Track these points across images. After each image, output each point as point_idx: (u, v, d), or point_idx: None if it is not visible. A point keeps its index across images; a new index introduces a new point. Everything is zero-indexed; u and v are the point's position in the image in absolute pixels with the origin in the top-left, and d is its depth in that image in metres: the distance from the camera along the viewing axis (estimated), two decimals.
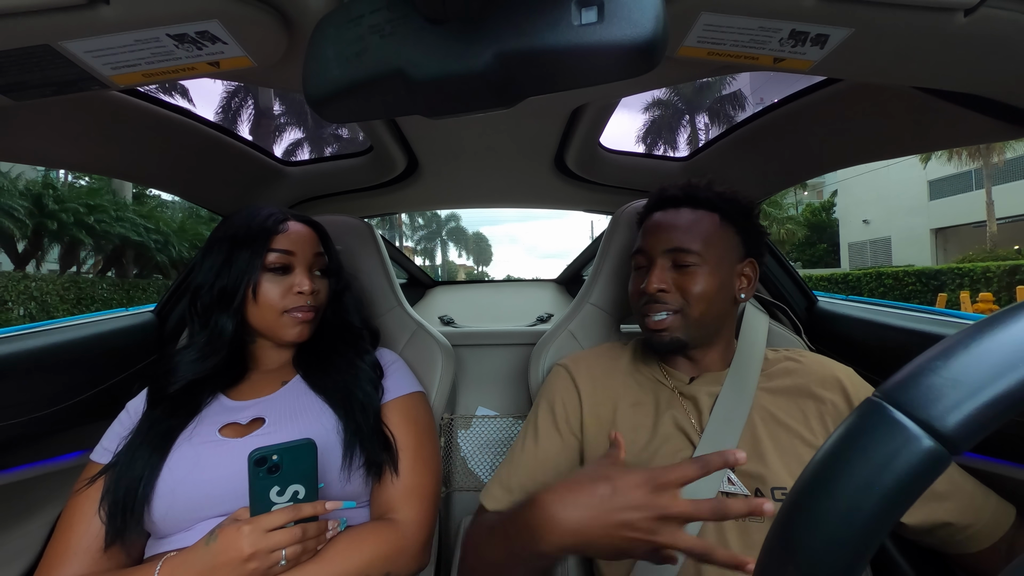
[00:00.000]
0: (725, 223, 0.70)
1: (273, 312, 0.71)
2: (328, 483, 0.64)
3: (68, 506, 0.63)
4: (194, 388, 0.69)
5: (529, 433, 0.72)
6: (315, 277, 0.75)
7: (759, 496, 0.59)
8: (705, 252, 0.67)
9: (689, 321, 0.67)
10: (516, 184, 1.19)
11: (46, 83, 0.50)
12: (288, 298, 0.71)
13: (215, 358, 0.69)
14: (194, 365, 0.69)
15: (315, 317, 0.74)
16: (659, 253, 0.70)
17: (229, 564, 0.52)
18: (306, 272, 0.73)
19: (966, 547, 0.61)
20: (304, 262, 0.73)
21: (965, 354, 0.24)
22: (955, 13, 0.41)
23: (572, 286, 2.04)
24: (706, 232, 0.68)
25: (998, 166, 14.99)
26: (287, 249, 0.72)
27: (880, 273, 13.42)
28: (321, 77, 0.33)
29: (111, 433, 0.69)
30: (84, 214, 10.59)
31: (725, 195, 0.71)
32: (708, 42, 0.47)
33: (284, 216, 0.74)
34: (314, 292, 0.73)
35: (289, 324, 0.71)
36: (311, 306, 0.73)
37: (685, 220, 0.69)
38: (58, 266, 11.89)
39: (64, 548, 0.60)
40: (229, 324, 0.70)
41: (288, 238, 0.72)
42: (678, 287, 0.68)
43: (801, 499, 0.25)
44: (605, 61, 0.29)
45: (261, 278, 0.70)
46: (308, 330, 0.73)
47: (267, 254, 0.70)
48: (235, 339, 0.71)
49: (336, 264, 0.80)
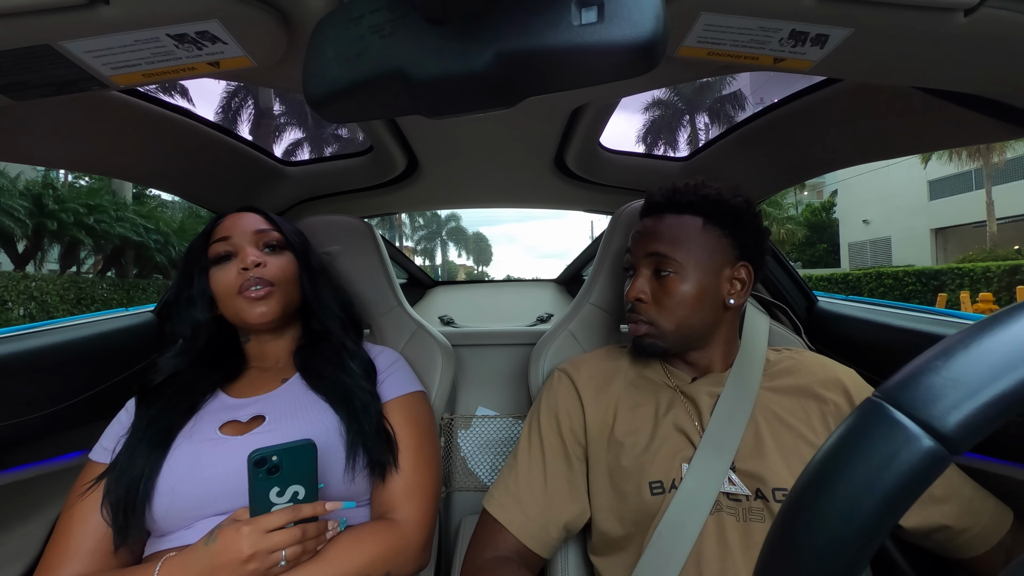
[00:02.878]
0: (710, 226, 0.68)
1: (230, 297, 0.71)
2: (332, 483, 0.64)
3: (68, 506, 0.63)
4: (190, 384, 0.69)
5: (533, 441, 0.72)
6: (262, 253, 0.74)
7: (760, 496, 0.60)
8: (684, 259, 0.66)
9: (663, 331, 0.67)
10: (516, 184, 1.19)
11: (46, 83, 0.50)
12: (237, 278, 0.71)
13: (193, 351, 0.71)
14: (175, 359, 0.71)
15: (274, 293, 0.72)
16: (640, 260, 0.70)
17: (229, 565, 0.52)
18: (249, 249, 0.73)
19: (964, 551, 0.61)
20: (247, 240, 0.73)
21: (965, 354, 0.24)
22: (955, 13, 0.41)
23: (572, 286, 2.04)
24: (687, 238, 0.67)
25: (998, 166, 14.98)
26: (223, 236, 0.73)
27: (880, 273, 13.42)
28: (321, 77, 0.33)
29: (110, 432, 0.69)
30: (84, 214, 10.59)
31: (709, 197, 0.68)
32: (708, 42, 0.47)
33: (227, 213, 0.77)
34: (260, 264, 0.71)
35: (246, 306, 0.70)
36: (259, 279, 0.71)
37: (666, 226, 0.69)
38: (58, 266, 11.89)
39: (65, 547, 0.60)
40: (201, 314, 0.72)
41: (224, 226, 0.74)
42: (655, 297, 0.68)
43: (801, 498, 0.25)
44: (605, 61, 0.29)
45: (211, 273, 0.72)
46: (270, 309, 0.71)
47: (209, 248, 0.73)
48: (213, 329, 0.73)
49: (296, 240, 0.79)
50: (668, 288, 0.67)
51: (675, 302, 0.66)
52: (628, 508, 0.64)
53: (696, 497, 0.60)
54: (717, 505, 0.60)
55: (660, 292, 0.68)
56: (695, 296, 0.67)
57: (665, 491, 0.62)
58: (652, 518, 0.62)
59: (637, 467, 0.64)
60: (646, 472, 0.63)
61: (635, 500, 0.63)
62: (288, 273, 0.75)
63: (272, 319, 0.72)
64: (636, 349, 0.72)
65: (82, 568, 0.59)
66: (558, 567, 0.73)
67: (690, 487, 0.61)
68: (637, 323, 0.69)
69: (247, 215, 0.76)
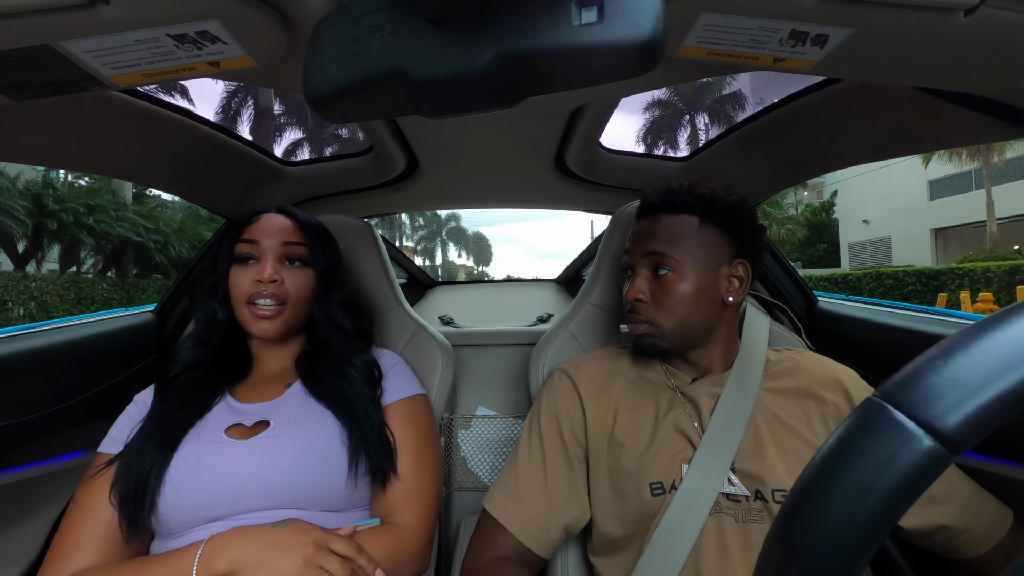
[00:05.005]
0: (706, 225, 0.68)
1: (239, 303, 0.71)
2: (334, 490, 0.64)
3: (78, 495, 0.63)
4: (201, 380, 0.70)
5: (534, 442, 0.72)
6: (286, 268, 0.73)
7: (759, 497, 0.60)
8: (682, 257, 0.67)
9: (663, 330, 0.68)
10: (516, 184, 1.19)
11: (46, 83, 0.50)
12: (251, 286, 0.70)
13: (211, 343, 0.72)
14: (193, 350, 0.72)
15: (283, 312, 0.71)
16: (637, 260, 0.70)
17: (292, 548, 0.55)
18: (272, 261, 0.71)
19: (964, 552, 0.61)
20: (272, 251, 0.72)
21: (965, 354, 0.24)
22: (955, 13, 0.41)
23: (572, 286, 2.04)
24: (684, 237, 0.67)
25: (998, 166, 14.98)
26: (251, 238, 0.72)
27: (880, 273, 13.42)
28: (321, 77, 0.33)
29: (120, 424, 0.69)
30: (84, 214, 10.58)
31: (704, 196, 0.69)
32: (708, 42, 0.47)
33: (267, 211, 0.75)
34: (276, 281, 0.70)
35: (251, 319, 0.70)
36: (272, 294, 0.70)
37: (662, 226, 0.69)
38: (58, 266, 11.89)
39: (78, 536, 0.60)
40: (221, 312, 0.72)
41: (256, 228, 0.73)
42: (654, 296, 0.68)
43: (801, 499, 0.25)
44: (605, 61, 0.29)
45: (231, 269, 0.72)
46: (273, 327, 0.70)
47: (236, 245, 0.72)
48: (231, 328, 0.73)
49: (322, 257, 0.77)
50: (667, 287, 0.67)
51: (674, 301, 0.67)
52: (628, 509, 0.64)
53: (696, 498, 0.60)
54: (717, 506, 0.60)
55: (659, 291, 0.68)
56: (694, 294, 0.67)
57: (665, 492, 0.62)
58: (652, 519, 0.62)
59: (638, 468, 0.64)
60: (646, 473, 0.63)
61: (635, 501, 0.63)
62: (303, 292, 0.74)
63: (273, 336, 0.72)
64: (637, 349, 0.72)
65: (93, 556, 0.59)
66: (558, 567, 0.73)
67: (690, 488, 0.61)
68: (637, 323, 0.69)
69: (281, 220, 0.74)
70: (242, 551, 0.54)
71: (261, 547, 0.54)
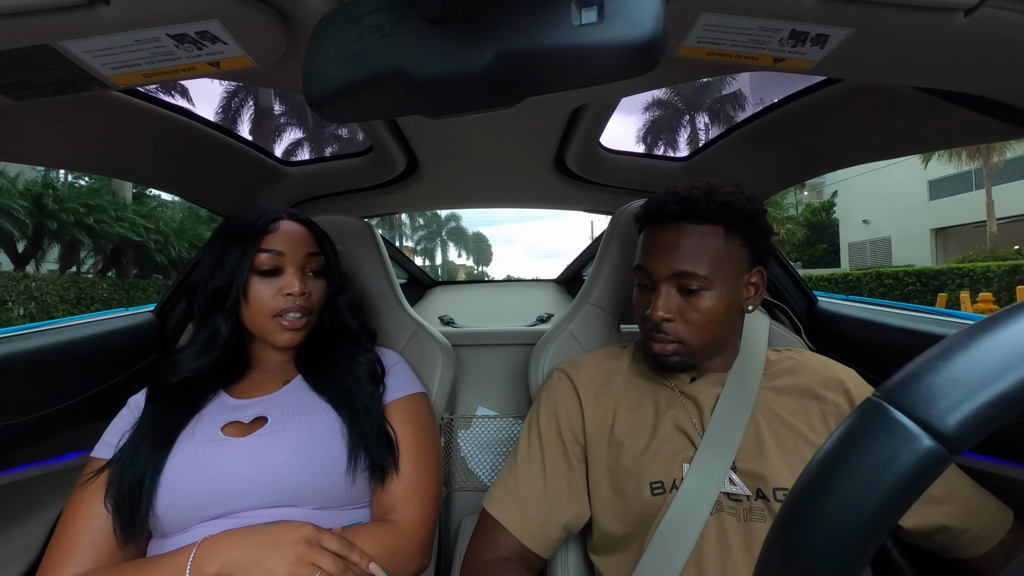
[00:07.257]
0: (731, 236, 0.64)
1: (263, 316, 0.70)
2: (333, 485, 0.64)
3: (71, 502, 0.63)
4: (195, 383, 0.69)
5: (533, 442, 0.72)
6: (308, 278, 0.73)
7: (760, 496, 0.60)
8: (713, 274, 0.63)
9: (692, 348, 0.65)
10: (516, 184, 1.19)
11: (46, 83, 0.50)
12: (278, 300, 0.70)
13: (212, 356, 0.70)
14: (194, 361, 0.70)
15: (307, 322, 0.73)
16: (663, 278, 0.65)
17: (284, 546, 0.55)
18: (297, 273, 0.71)
19: (964, 552, 0.61)
20: (295, 262, 0.71)
21: (965, 354, 0.24)
22: (955, 13, 0.41)
23: (572, 286, 2.04)
24: (713, 252, 0.63)
25: (998, 166, 14.97)
26: (277, 250, 0.70)
27: (880, 273, 13.42)
28: (321, 77, 0.33)
29: (112, 428, 0.69)
30: (84, 214, 10.58)
31: (729, 204, 0.64)
32: (708, 42, 0.47)
33: (278, 215, 0.73)
34: (305, 294, 0.71)
35: (278, 330, 0.70)
36: (301, 307, 0.71)
37: (689, 240, 0.63)
38: (58, 266, 11.88)
39: (71, 543, 0.60)
40: (224, 325, 0.70)
41: (279, 238, 0.71)
42: (683, 314, 0.64)
43: (801, 499, 0.25)
44: (605, 61, 0.29)
45: (251, 280, 0.69)
46: (299, 337, 0.73)
47: (257, 255, 0.69)
48: (232, 339, 0.71)
49: (333, 265, 0.78)
50: (697, 305, 0.63)
51: (705, 319, 0.63)
52: (629, 508, 0.64)
53: (697, 497, 0.60)
54: (718, 505, 0.60)
55: (688, 309, 0.64)
56: (724, 309, 0.64)
57: (666, 491, 0.62)
58: (653, 518, 0.62)
59: (637, 467, 0.64)
60: (646, 472, 0.63)
61: (636, 500, 0.63)
62: (321, 300, 0.76)
63: (297, 344, 0.73)
64: (662, 367, 0.67)
65: (89, 562, 0.59)
66: (558, 567, 0.73)
67: (691, 487, 0.61)
68: (664, 343, 0.65)
69: (301, 231, 0.73)
70: (233, 553, 0.54)
71: (252, 547, 0.54)
